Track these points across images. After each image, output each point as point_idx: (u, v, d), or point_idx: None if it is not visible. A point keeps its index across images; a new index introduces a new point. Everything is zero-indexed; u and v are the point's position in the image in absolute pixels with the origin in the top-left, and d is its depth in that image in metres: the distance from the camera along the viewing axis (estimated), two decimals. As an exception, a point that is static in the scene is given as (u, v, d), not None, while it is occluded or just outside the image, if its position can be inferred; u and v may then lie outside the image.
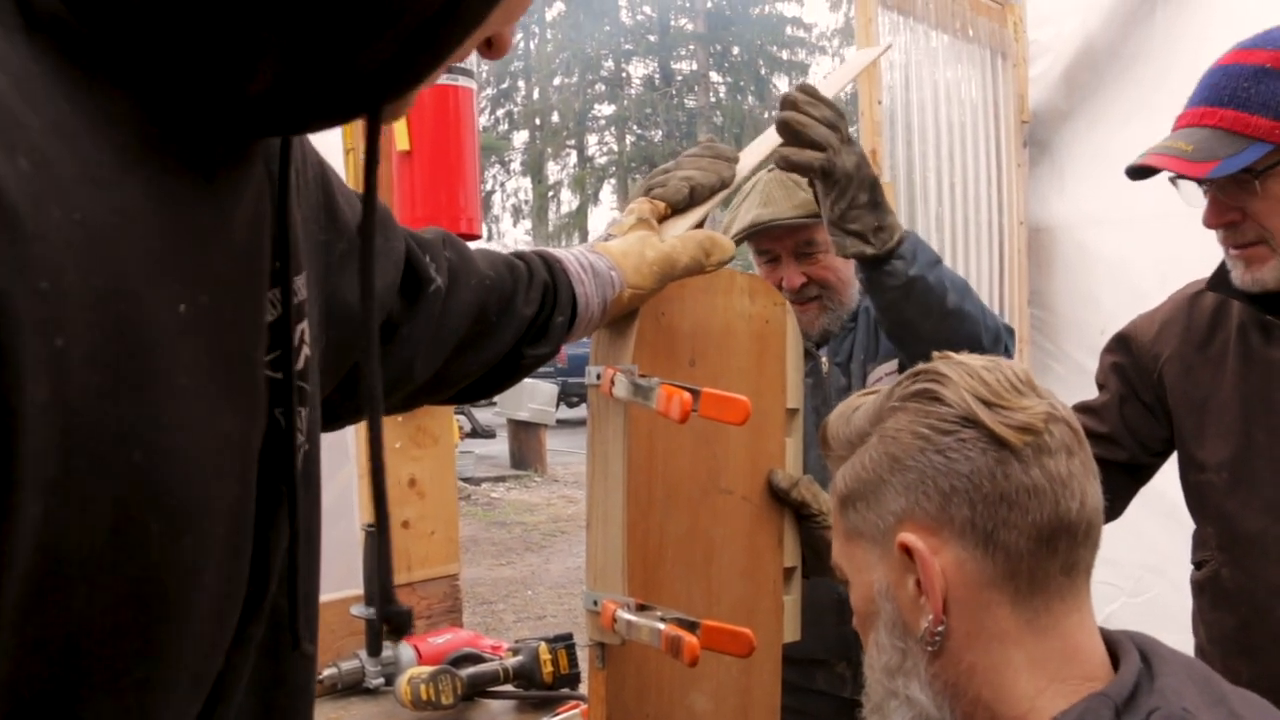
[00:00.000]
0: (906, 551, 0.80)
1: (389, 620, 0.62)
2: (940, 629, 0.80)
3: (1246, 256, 1.34)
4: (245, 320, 0.54)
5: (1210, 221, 1.35)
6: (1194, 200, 1.37)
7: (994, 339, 1.50)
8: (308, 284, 0.64)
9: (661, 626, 0.99)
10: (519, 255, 1.01)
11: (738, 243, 1.72)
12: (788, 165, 1.32)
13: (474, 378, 0.98)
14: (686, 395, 0.96)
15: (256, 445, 0.55)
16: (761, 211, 1.68)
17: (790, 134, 1.31)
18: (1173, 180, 1.36)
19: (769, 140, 1.35)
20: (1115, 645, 0.82)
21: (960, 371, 0.82)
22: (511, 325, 0.96)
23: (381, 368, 0.81)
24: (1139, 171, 1.36)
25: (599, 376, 1.08)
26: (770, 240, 1.72)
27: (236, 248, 0.52)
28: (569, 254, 1.04)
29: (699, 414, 0.97)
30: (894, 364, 1.69)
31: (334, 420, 0.79)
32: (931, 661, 0.82)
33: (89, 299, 0.38)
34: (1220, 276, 1.42)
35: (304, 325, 0.63)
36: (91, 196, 0.39)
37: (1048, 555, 0.78)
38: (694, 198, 1.15)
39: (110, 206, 0.41)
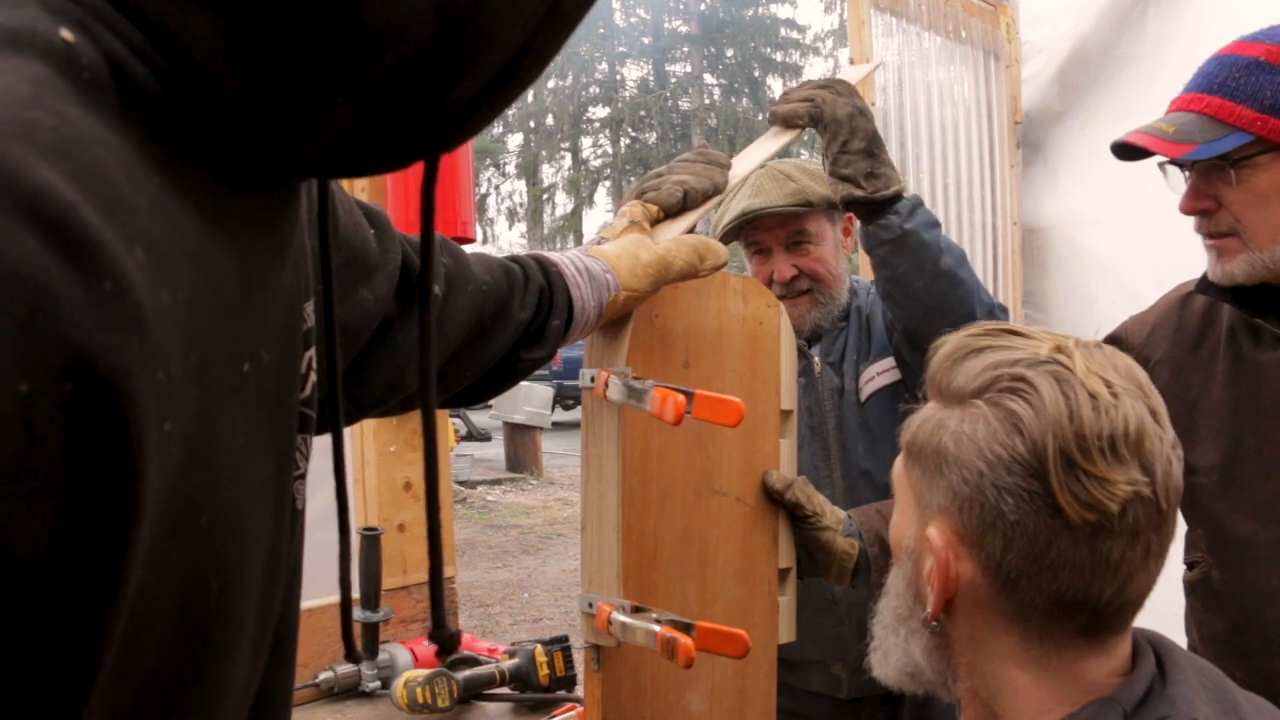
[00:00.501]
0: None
1: (439, 642, 0.63)
2: (935, 624, 0.80)
3: (1219, 247, 1.34)
4: (289, 367, 0.54)
5: (1186, 206, 1.36)
6: (1179, 187, 1.38)
7: (987, 313, 1.51)
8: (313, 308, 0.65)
9: (656, 628, 0.99)
10: (514, 259, 1.02)
11: (730, 235, 1.73)
12: (777, 117, 1.39)
13: (470, 381, 0.98)
14: (681, 397, 0.97)
15: (287, 483, 0.56)
16: (752, 201, 1.69)
17: (784, 94, 1.41)
18: (1161, 167, 1.37)
19: (763, 146, 1.36)
20: (1133, 646, 0.81)
21: (1060, 400, 0.74)
22: (507, 329, 0.97)
23: (378, 372, 0.82)
24: (1123, 150, 1.37)
25: (593, 379, 1.08)
26: (761, 231, 1.72)
27: (285, 294, 0.52)
28: (564, 257, 1.05)
29: (693, 416, 0.97)
30: (887, 363, 1.70)
31: (319, 428, 0.80)
32: (932, 637, 0.81)
33: (184, 379, 0.38)
34: (1210, 279, 1.42)
35: (311, 353, 0.63)
36: (188, 272, 0.39)
37: (1062, 620, 0.76)
38: (687, 202, 1.16)
39: (202, 278, 0.41)
